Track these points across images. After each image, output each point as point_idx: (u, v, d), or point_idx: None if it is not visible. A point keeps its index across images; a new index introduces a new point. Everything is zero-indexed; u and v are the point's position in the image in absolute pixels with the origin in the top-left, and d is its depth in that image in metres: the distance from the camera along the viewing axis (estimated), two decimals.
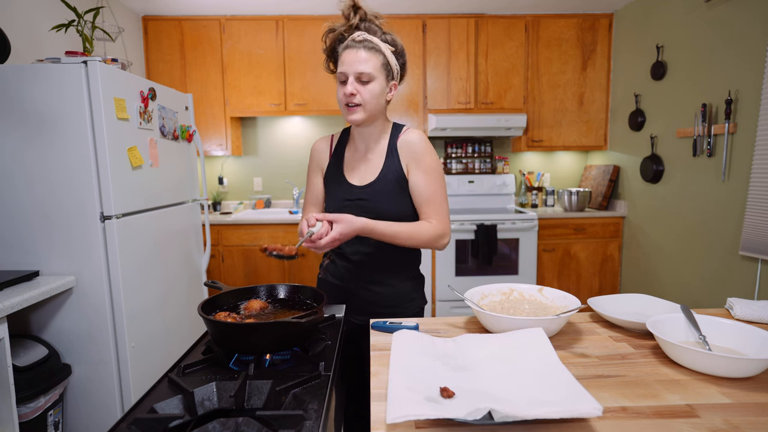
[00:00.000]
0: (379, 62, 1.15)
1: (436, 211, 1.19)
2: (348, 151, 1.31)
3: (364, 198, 1.22)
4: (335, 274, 1.32)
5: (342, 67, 1.14)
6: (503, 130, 3.37)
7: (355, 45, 1.14)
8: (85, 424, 1.81)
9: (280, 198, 3.77)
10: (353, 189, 1.24)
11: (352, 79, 1.14)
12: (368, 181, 1.23)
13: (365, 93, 1.14)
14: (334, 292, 1.32)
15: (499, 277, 3.20)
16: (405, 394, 0.67)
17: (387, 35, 1.20)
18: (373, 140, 1.26)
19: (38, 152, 1.68)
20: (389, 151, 1.23)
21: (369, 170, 1.24)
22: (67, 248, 1.74)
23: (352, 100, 1.14)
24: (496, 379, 0.74)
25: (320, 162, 1.34)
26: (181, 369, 0.87)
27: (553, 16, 3.35)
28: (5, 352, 1.41)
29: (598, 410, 0.60)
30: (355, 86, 1.14)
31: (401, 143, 1.23)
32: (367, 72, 1.13)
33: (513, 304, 1.10)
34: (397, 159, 1.22)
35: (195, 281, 2.47)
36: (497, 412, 0.60)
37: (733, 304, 1.11)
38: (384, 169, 1.22)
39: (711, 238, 2.49)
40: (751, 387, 0.76)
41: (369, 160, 1.25)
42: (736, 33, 2.30)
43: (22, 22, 2.20)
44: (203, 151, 2.59)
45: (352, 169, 1.27)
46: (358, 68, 1.12)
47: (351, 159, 1.29)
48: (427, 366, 0.79)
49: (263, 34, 3.28)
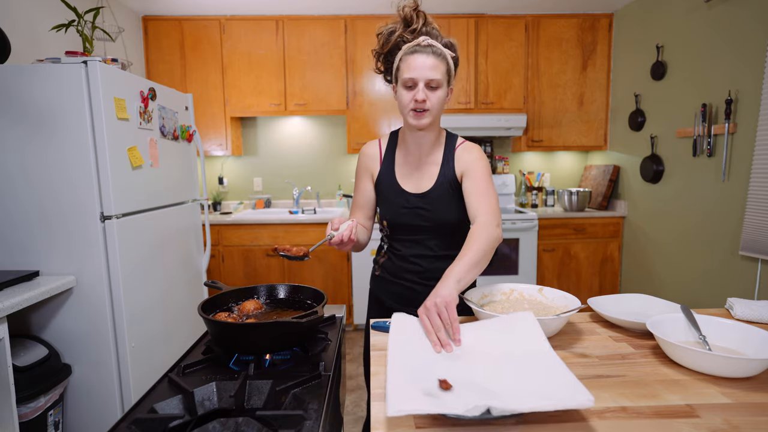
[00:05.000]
0: (444, 69, 1.16)
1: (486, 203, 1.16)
2: (400, 156, 1.30)
3: (422, 207, 1.24)
4: (391, 271, 1.33)
5: (411, 72, 1.14)
6: (503, 130, 3.37)
7: (423, 50, 1.14)
8: (85, 424, 1.81)
9: (280, 198, 3.77)
10: (410, 196, 1.25)
11: (422, 85, 1.14)
12: (425, 189, 1.24)
13: (434, 99, 1.15)
14: (391, 287, 1.34)
15: (499, 277, 3.20)
16: (404, 389, 0.68)
17: (445, 40, 1.20)
18: (429, 146, 1.26)
19: (38, 152, 1.68)
20: (445, 159, 1.25)
21: (424, 177, 1.26)
22: (67, 248, 1.74)
23: (423, 106, 1.15)
24: (490, 369, 0.75)
25: (370, 167, 1.33)
26: (181, 369, 0.87)
27: (553, 16, 3.35)
28: (5, 352, 1.41)
29: (590, 401, 0.62)
30: (425, 92, 1.14)
31: (460, 153, 1.25)
32: (437, 78, 1.14)
33: (513, 304, 1.10)
34: (453, 167, 1.24)
35: (195, 281, 2.47)
36: (495, 408, 0.62)
37: (733, 304, 1.11)
38: (440, 177, 1.24)
39: (711, 238, 2.49)
40: (751, 387, 0.76)
41: (424, 167, 1.26)
42: (736, 33, 2.30)
43: (22, 22, 2.20)
44: (203, 151, 2.59)
45: (405, 176, 1.28)
46: (429, 75, 1.13)
47: (403, 165, 1.29)
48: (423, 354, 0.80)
49: (263, 34, 3.28)
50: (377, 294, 1.38)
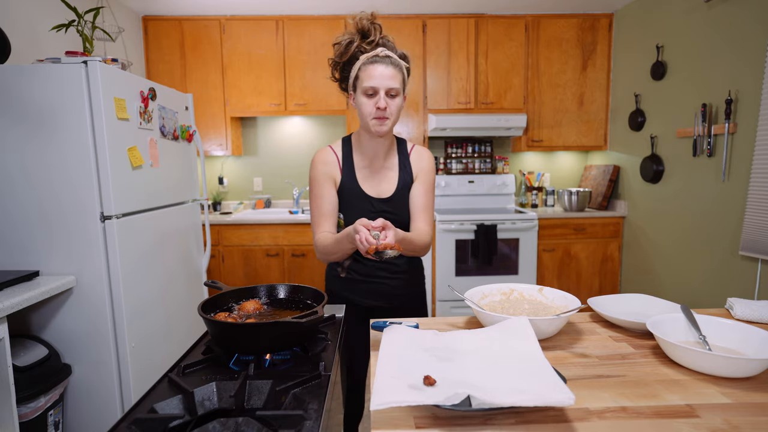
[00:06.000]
0: (401, 78, 1.24)
1: (428, 220, 1.32)
2: (358, 162, 1.35)
3: (388, 210, 1.32)
4: (362, 272, 1.39)
5: (372, 81, 1.20)
6: (503, 130, 3.37)
7: (382, 60, 1.21)
8: (85, 424, 1.81)
9: (280, 198, 3.77)
10: (374, 201, 1.32)
11: (383, 93, 1.21)
12: (388, 194, 1.32)
13: (393, 106, 1.23)
14: (362, 286, 1.40)
15: (499, 277, 3.20)
16: (389, 382, 0.69)
17: (399, 51, 1.28)
18: (385, 152, 1.34)
19: (38, 152, 1.68)
20: (401, 164, 1.34)
21: (384, 182, 1.33)
22: (67, 248, 1.74)
23: (384, 114, 1.22)
24: (479, 369, 0.76)
25: (331, 173, 1.33)
26: (181, 369, 0.87)
27: (553, 16, 3.35)
28: (5, 352, 1.41)
29: (570, 399, 0.62)
30: (386, 100, 1.22)
31: (415, 157, 1.36)
32: (396, 87, 1.21)
33: (513, 304, 1.10)
34: (410, 171, 1.34)
35: (195, 281, 2.47)
36: (475, 398, 0.63)
37: (733, 304, 1.11)
38: (401, 182, 1.33)
39: (711, 238, 2.49)
40: (751, 387, 0.76)
41: (382, 172, 1.34)
42: (736, 33, 2.30)
43: (22, 22, 2.20)
44: (203, 151, 2.59)
45: (366, 180, 1.33)
46: (388, 84, 1.20)
47: (362, 170, 1.34)
48: (413, 356, 0.81)
49: (263, 34, 3.28)
50: (345, 294, 1.41)
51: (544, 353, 0.91)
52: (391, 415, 0.70)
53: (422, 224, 1.31)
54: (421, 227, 1.30)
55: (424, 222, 1.31)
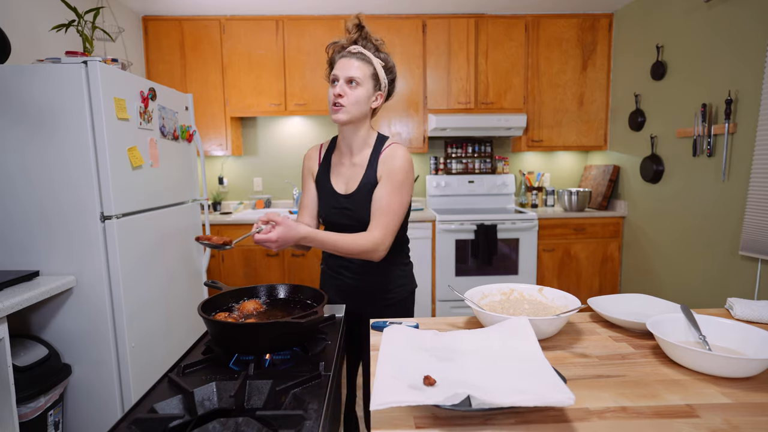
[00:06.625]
0: (368, 72, 1.25)
1: (384, 224, 1.22)
2: (335, 158, 1.38)
3: (348, 207, 1.30)
4: (332, 268, 1.42)
5: (335, 70, 1.25)
6: (503, 130, 3.37)
7: (349, 55, 1.25)
8: (85, 424, 1.81)
9: (280, 198, 3.77)
10: (339, 197, 1.32)
11: (342, 81, 1.23)
12: (351, 190, 1.31)
13: (351, 96, 1.23)
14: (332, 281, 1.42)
15: (499, 277, 3.20)
16: (389, 382, 0.69)
17: (381, 53, 1.30)
18: (356, 147, 1.33)
19: (38, 152, 1.68)
20: (370, 161, 1.31)
21: (352, 178, 1.32)
22: (67, 248, 1.74)
23: (339, 100, 1.23)
24: (479, 369, 0.76)
25: (312, 168, 1.41)
26: (181, 369, 0.87)
27: (553, 16, 3.35)
28: (5, 352, 1.41)
29: (570, 399, 0.62)
30: (343, 88, 1.23)
31: (384, 157, 1.29)
32: (357, 77, 1.23)
33: (513, 304, 1.10)
34: (376, 170, 1.29)
35: (195, 281, 2.47)
36: (475, 398, 0.63)
37: (733, 304, 1.11)
38: (364, 179, 1.29)
39: (711, 238, 2.49)
40: (751, 387, 0.76)
41: (352, 168, 1.33)
42: (736, 33, 2.30)
43: (22, 22, 2.20)
44: (203, 151, 2.59)
45: (337, 176, 1.36)
46: (349, 73, 1.23)
47: (337, 165, 1.37)
48: (413, 356, 0.81)
49: (263, 34, 3.28)
50: (323, 288, 1.45)
51: (544, 353, 0.91)
52: (391, 415, 0.70)
53: (373, 228, 1.22)
54: (371, 231, 1.21)
55: (377, 226, 1.22)
